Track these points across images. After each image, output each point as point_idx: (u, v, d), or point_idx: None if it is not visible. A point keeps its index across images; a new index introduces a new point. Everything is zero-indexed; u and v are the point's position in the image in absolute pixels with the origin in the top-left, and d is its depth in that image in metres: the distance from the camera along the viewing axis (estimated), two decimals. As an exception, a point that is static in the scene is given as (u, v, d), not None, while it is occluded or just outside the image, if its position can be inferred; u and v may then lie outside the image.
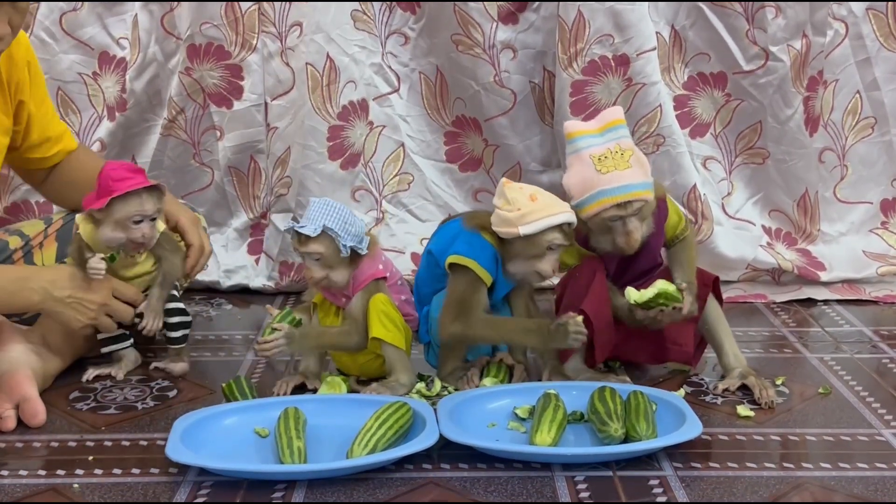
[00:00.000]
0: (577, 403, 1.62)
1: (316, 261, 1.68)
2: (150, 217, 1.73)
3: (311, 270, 1.69)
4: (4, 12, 1.54)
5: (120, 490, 1.41)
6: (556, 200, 1.72)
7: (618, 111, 1.79)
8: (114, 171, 1.71)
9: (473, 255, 1.73)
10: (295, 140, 2.37)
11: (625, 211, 1.70)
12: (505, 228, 1.70)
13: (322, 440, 1.54)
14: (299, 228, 1.66)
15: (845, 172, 2.51)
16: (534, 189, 1.73)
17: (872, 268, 2.43)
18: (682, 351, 1.82)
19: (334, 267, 1.68)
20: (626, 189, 1.70)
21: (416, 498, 1.38)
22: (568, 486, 1.41)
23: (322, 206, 1.67)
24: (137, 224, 1.72)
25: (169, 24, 2.36)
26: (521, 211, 1.68)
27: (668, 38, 2.38)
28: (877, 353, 2.00)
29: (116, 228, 1.72)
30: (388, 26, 2.44)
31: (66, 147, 1.94)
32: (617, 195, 1.69)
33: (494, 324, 1.75)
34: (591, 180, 1.71)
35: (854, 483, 1.43)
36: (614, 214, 1.71)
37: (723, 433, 1.60)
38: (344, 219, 1.66)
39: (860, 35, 2.42)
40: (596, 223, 1.73)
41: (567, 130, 1.78)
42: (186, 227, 1.91)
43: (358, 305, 1.72)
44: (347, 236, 1.66)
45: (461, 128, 2.49)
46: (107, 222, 1.72)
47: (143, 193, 1.71)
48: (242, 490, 1.41)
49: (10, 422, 1.61)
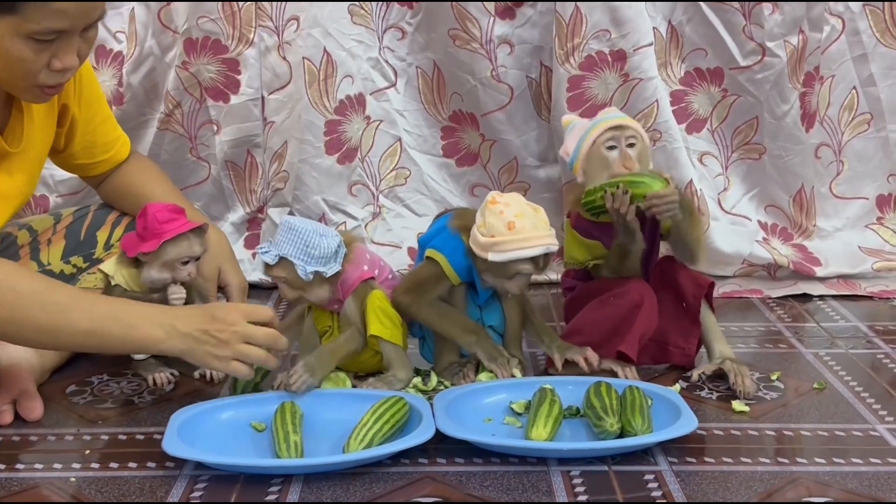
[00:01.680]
0: (572, 398, 1.63)
1: (284, 283, 1.68)
2: (195, 258, 1.71)
3: (283, 291, 1.69)
4: (74, 43, 1.53)
5: (117, 484, 1.42)
6: (538, 228, 1.68)
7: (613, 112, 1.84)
8: (160, 213, 1.67)
9: (447, 254, 1.74)
10: (292, 134, 2.37)
11: (622, 133, 1.73)
12: (476, 249, 1.70)
13: (318, 435, 1.55)
14: (262, 253, 1.65)
15: (841, 168, 2.51)
16: (518, 211, 1.68)
17: (868, 263, 2.43)
18: (686, 354, 1.82)
19: (305, 288, 1.67)
20: (618, 115, 1.77)
21: (412, 492, 1.39)
22: (563, 481, 1.42)
23: (284, 232, 1.64)
24: (185, 265, 1.70)
25: (166, 17, 2.36)
26: (493, 239, 1.66)
27: (665, 33, 2.38)
28: (872, 348, 2.01)
29: (163, 269, 1.69)
30: (385, 21, 2.44)
31: (115, 157, 1.92)
32: (610, 119, 1.75)
33: (441, 311, 1.75)
34: (585, 125, 1.78)
35: (848, 478, 1.43)
36: (610, 136, 1.73)
37: (718, 428, 1.61)
38: (304, 245, 1.62)
39: (857, 31, 2.42)
40: (594, 159, 1.75)
41: (564, 119, 1.85)
42: (234, 293, 1.87)
43: (352, 308, 1.72)
44: (310, 261, 1.63)
45: (458, 123, 2.49)
46: (153, 264, 1.69)
47: (191, 235, 1.69)
48: (239, 484, 1.41)
49: (8, 416, 1.61)
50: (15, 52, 1.50)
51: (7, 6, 1.45)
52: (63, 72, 1.55)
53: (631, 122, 1.77)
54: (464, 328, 1.75)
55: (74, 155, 1.88)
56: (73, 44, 1.53)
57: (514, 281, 1.71)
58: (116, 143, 1.93)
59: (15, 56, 1.50)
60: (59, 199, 2.42)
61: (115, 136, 1.93)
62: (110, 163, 1.93)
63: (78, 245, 1.92)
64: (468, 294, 1.79)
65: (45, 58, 1.52)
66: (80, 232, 1.93)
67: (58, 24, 1.48)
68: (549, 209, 2.38)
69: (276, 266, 1.65)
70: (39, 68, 1.53)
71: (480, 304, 1.80)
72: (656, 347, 1.83)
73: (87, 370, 1.84)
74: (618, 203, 1.69)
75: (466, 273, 1.76)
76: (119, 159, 1.94)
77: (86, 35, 1.55)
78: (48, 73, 1.54)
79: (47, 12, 1.46)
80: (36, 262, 1.90)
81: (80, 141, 1.86)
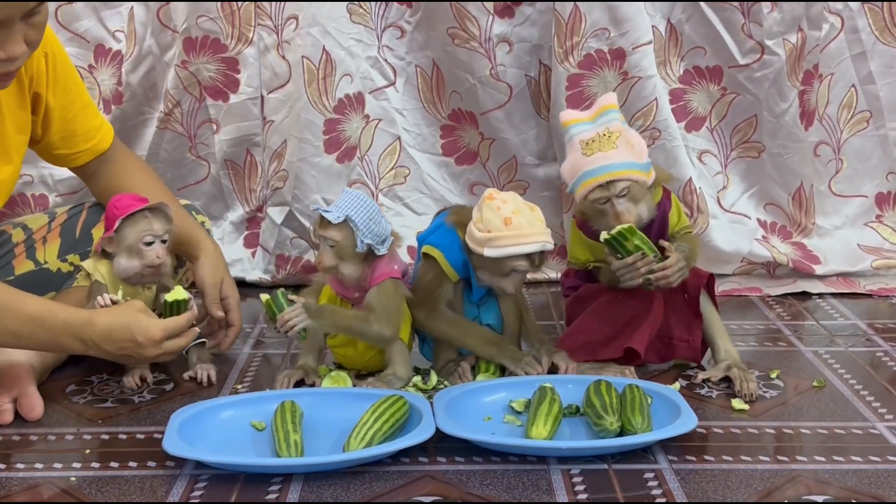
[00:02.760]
0: (572, 397, 1.63)
1: (331, 247, 1.68)
2: (160, 238, 1.71)
3: (323, 255, 1.68)
4: (19, 31, 1.49)
5: (117, 483, 1.42)
6: (534, 225, 1.69)
7: (611, 97, 1.80)
8: (118, 201, 1.71)
9: (443, 249, 1.74)
10: (291, 133, 2.37)
11: (608, 192, 1.70)
12: (472, 244, 1.70)
13: (319, 434, 1.55)
14: (324, 212, 1.66)
15: (840, 166, 2.52)
16: (515, 208, 1.69)
17: (867, 261, 2.44)
18: (691, 347, 1.82)
19: (346, 259, 1.68)
20: (606, 169, 1.70)
21: (412, 491, 1.39)
22: (563, 480, 1.42)
23: (352, 198, 1.67)
24: (149, 246, 1.70)
25: (165, 16, 2.36)
26: (490, 234, 1.67)
27: (664, 31, 2.38)
28: (871, 346, 2.01)
29: (131, 256, 1.70)
30: (384, 20, 2.44)
31: (98, 146, 1.89)
32: (598, 175, 1.70)
33: (456, 324, 1.76)
34: (578, 163, 1.73)
35: (848, 476, 1.43)
36: (599, 196, 1.71)
37: (718, 426, 1.61)
38: (370, 216, 1.66)
39: (856, 29, 2.42)
40: (588, 207, 1.74)
41: (562, 120, 1.80)
42: (234, 306, 1.88)
43: (375, 297, 1.71)
44: (368, 233, 1.66)
45: (457, 121, 2.49)
46: (120, 252, 1.70)
47: (149, 214, 1.70)
48: (239, 483, 1.41)
49: (8, 415, 1.61)
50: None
51: None
52: (9, 61, 1.50)
53: (618, 173, 1.69)
54: (483, 341, 1.76)
55: (53, 145, 1.84)
56: (16, 31, 1.48)
57: (510, 279, 1.71)
58: (98, 131, 1.89)
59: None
60: (58, 198, 2.42)
61: (97, 125, 1.89)
62: (93, 152, 1.89)
63: (74, 243, 1.92)
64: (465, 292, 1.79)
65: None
66: (76, 230, 1.93)
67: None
68: (549, 208, 2.41)
69: (334, 227, 1.65)
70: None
71: (477, 302, 1.80)
72: (661, 344, 1.83)
73: (86, 370, 1.84)
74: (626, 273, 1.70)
75: (463, 269, 1.76)
76: (102, 148, 1.90)
77: (31, 21, 1.50)
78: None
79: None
80: (33, 261, 1.90)
81: (58, 130, 1.82)
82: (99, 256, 1.75)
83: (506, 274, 1.70)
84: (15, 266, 1.88)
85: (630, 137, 1.74)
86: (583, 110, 1.85)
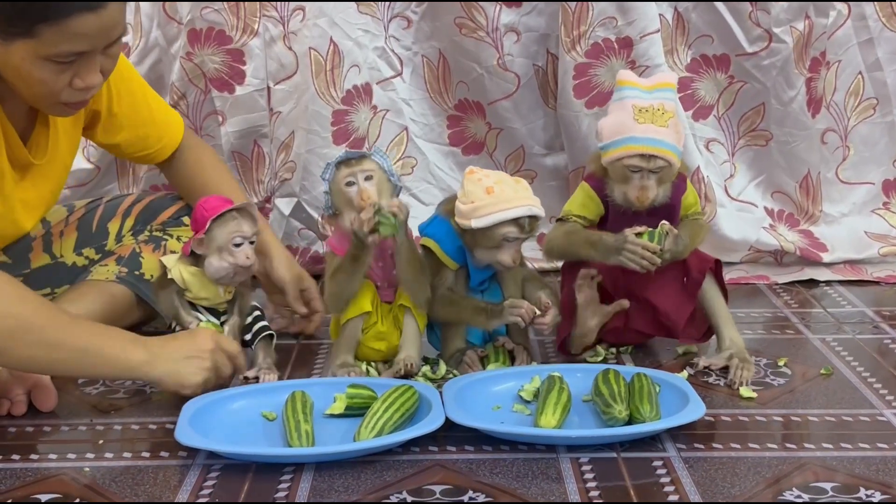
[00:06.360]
0: (581, 386, 1.63)
1: (368, 179, 1.71)
2: (248, 239, 1.72)
3: (363, 192, 1.71)
4: (96, 62, 1.53)
5: (130, 473, 1.43)
6: (519, 192, 1.71)
7: (672, 76, 1.83)
8: (206, 202, 1.72)
9: (438, 240, 1.76)
10: (299, 125, 2.37)
11: (647, 164, 1.71)
12: (460, 220, 1.71)
13: (329, 423, 1.56)
14: (347, 153, 1.74)
15: (847, 153, 2.51)
16: (497, 179, 1.72)
17: (874, 248, 2.44)
18: (673, 323, 1.79)
19: (383, 193, 1.73)
20: (655, 143, 1.71)
21: (422, 480, 1.40)
22: (572, 468, 1.43)
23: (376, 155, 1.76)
24: (239, 247, 1.71)
25: (170, 8, 2.36)
26: (474, 204, 1.69)
27: (671, 20, 2.38)
28: (878, 333, 2.01)
29: (222, 256, 1.70)
30: (390, 10, 2.44)
31: (170, 142, 1.96)
32: (645, 145, 1.71)
33: (453, 302, 1.78)
34: (626, 125, 1.73)
35: (856, 463, 1.44)
36: (637, 164, 1.71)
37: (726, 414, 1.61)
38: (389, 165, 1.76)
39: (863, 16, 2.42)
40: (616, 169, 1.74)
41: (618, 78, 1.80)
42: (316, 295, 1.93)
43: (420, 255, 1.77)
44: (390, 172, 1.74)
45: (464, 111, 2.49)
46: (211, 254, 1.70)
47: (237, 214, 1.71)
48: (251, 473, 1.42)
49: (22, 406, 1.62)
50: (35, 73, 1.50)
51: (24, 30, 1.45)
52: (85, 90, 1.55)
53: (663, 151, 1.71)
54: (474, 311, 1.76)
55: (124, 151, 1.93)
56: (95, 63, 1.53)
57: (504, 250, 1.71)
58: (171, 126, 1.96)
59: (36, 78, 1.50)
60: (66, 190, 2.42)
61: (169, 120, 1.97)
62: (170, 148, 1.96)
63: (90, 237, 1.93)
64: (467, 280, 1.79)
65: (66, 78, 1.52)
66: (92, 224, 1.94)
67: (76, 47, 1.48)
68: (556, 197, 2.41)
69: (366, 159, 1.73)
70: (61, 88, 1.53)
71: (480, 289, 1.81)
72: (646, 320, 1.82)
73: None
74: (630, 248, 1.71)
75: (461, 255, 1.76)
76: (175, 143, 1.97)
77: (108, 52, 1.55)
78: (70, 91, 1.54)
79: (65, 36, 1.45)
80: (49, 255, 1.91)
81: (128, 136, 1.89)
82: (186, 261, 1.73)
83: (497, 245, 1.70)
84: (31, 259, 1.90)
85: (678, 122, 1.76)
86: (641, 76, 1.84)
